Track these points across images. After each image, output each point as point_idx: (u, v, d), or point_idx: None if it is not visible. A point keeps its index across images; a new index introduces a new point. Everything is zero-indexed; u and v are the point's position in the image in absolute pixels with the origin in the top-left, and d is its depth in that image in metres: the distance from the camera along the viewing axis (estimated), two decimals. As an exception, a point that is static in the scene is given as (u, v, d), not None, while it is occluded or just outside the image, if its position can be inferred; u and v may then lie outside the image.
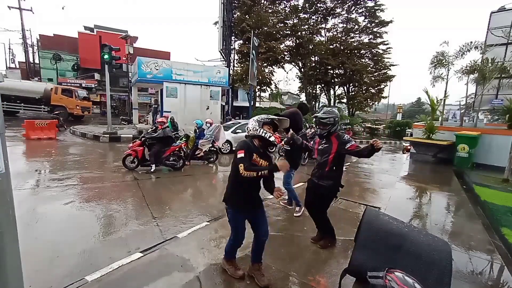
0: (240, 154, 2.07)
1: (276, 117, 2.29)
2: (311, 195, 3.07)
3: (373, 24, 22.49)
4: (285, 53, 21.82)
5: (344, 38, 23.37)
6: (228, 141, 8.96)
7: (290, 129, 3.29)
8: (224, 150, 8.77)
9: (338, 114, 2.94)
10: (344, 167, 3.00)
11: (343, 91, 25.58)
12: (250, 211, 2.29)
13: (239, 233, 2.31)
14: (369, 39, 22.95)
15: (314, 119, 2.95)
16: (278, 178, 4.12)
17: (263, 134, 2.17)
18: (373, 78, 23.33)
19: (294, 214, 4.03)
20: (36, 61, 26.81)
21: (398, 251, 1.74)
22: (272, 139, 2.18)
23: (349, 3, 22.04)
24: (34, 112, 16.17)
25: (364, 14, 22.40)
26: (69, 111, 16.30)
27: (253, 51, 14.87)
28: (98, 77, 25.66)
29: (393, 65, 23.37)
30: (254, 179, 2.10)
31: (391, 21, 21.85)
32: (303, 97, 28.07)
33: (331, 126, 2.84)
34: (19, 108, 15.95)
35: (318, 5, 22.10)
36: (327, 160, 2.84)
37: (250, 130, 2.24)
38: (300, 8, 22.10)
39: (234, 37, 19.24)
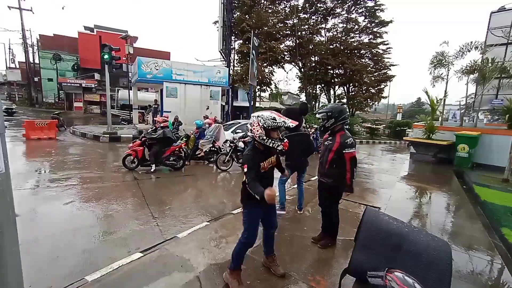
0: (246, 169, 2.10)
1: (281, 119, 2.08)
2: (318, 192, 3.19)
3: (373, 24, 22.51)
4: (285, 53, 21.81)
5: (344, 38, 23.37)
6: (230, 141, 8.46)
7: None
8: (223, 150, 8.65)
9: (336, 108, 2.86)
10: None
11: (343, 91, 25.58)
12: (263, 207, 2.23)
13: (253, 231, 2.25)
14: (369, 39, 22.96)
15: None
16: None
17: (270, 145, 2.07)
18: (373, 78, 23.32)
19: None
20: (36, 61, 26.82)
21: (398, 251, 1.74)
22: (280, 148, 2.08)
23: (349, 3, 22.04)
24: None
25: (364, 14, 22.41)
26: None
27: (253, 51, 14.86)
28: (98, 77, 25.67)
29: (393, 65, 23.41)
30: (264, 180, 2.13)
31: (391, 21, 21.87)
32: (303, 97, 28.05)
33: (326, 120, 2.87)
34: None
35: (318, 5, 22.10)
36: (327, 159, 2.89)
37: (255, 135, 2.10)
38: (300, 8, 22.10)
39: (234, 37, 19.24)
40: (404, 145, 16.47)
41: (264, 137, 2.08)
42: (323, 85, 25.33)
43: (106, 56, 10.08)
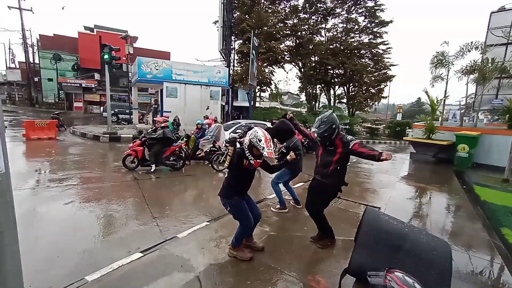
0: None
1: (263, 145, 2.44)
2: (312, 193, 3.05)
3: (373, 24, 22.47)
4: (285, 53, 21.80)
5: (344, 38, 23.34)
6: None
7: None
8: (223, 150, 8.66)
9: (334, 118, 2.77)
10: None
11: (343, 91, 25.55)
12: (245, 197, 2.75)
13: (249, 217, 2.63)
14: (369, 39, 22.92)
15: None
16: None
17: (246, 154, 2.54)
18: (373, 78, 23.29)
19: (272, 208, 4.13)
20: (36, 61, 26.81)
21: (398, 251, 1.74)
22: (252, 162, 2.55)
23: (349, 3, 22.01)
24: None
25: (364, 14, 22.37)
26: None
27: (253, 51, 14.85)
28: (98, 77, 25.69)
29: (393, 65, 23.36)
30: (246, 178, 2.74)
31: (391, 21, 21.83)
32: (303, 97, 28.06)
33: (329, 135, 2.75)
34: None
35: (318, 5, 22.07)
36: (332, 160, 2.80)
37: (244, 143, 2.59)
38: (300, 8, 22.09)
39: (234, 37, 19.22)
40: (404, 145, 16.47)
41: (246, 148, 2.53)
42: (323, 85, 25.29)
43: (106, 56, 10.07)
